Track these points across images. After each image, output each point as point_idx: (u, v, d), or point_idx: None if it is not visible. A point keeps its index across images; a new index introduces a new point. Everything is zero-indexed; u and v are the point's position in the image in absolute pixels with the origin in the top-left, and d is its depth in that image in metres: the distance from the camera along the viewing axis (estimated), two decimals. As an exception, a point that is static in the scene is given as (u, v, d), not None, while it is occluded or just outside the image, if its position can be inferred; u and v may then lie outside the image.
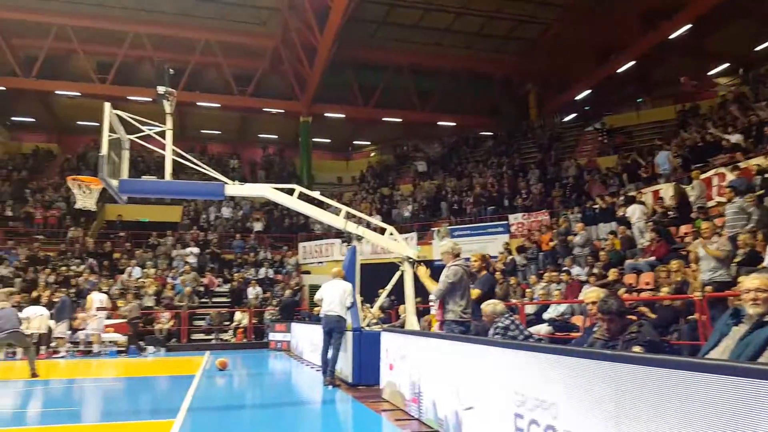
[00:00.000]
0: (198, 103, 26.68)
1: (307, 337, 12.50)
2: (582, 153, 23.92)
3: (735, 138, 14.27)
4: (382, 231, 9.72)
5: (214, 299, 19.29)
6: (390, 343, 7.13)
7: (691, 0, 18.61)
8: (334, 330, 8.29)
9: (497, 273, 13.77)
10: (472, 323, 7.17)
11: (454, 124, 29.36)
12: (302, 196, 9.30)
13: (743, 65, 22.35)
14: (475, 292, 6.72)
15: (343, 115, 28.31)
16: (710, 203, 12.74)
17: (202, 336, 17.66)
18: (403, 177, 28.25)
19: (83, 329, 14.82)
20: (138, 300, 16.34)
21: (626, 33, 21.69)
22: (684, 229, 11.83)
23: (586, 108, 27.49)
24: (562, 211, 18.07)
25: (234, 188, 8.53)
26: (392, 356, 6.91)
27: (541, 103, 28.52)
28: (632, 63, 22.07)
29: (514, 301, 12.24)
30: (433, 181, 25.19)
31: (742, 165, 12.11)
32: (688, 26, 19.24)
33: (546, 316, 10.58)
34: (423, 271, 7.22)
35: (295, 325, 15.07)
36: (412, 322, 9.14)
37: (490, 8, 22.93)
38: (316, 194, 9.86)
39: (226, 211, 24.47)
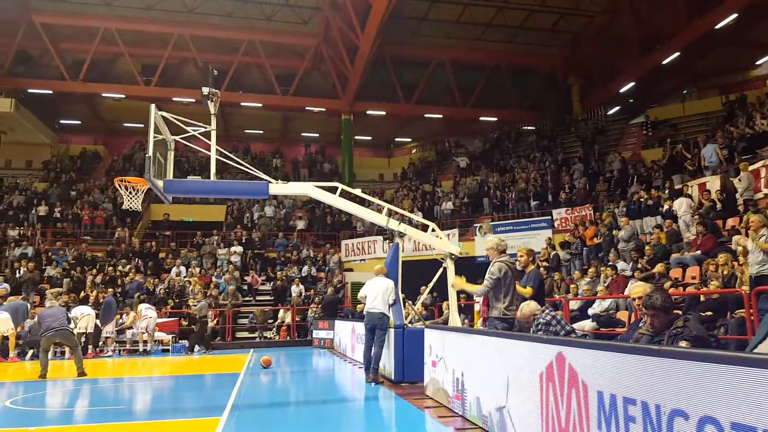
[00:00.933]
0: (241, 104, 27.29)
1: (350, 334, 12.68)
2: (626, 146, 23.41)
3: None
4: (425, 228, 9.80)
5: (258, 297, 19.72)
6: (433, 340, 7.16)
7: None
8: (377, 327, 8.36)
9: (541, 269, 13.75)
10: (516, 320, 7.20)
11: (496, 119, 29.15)
12: (344, 194, 9.48)
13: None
14: (526, 291, 6.54)
15: (384, 113, 28.48)
16: (758, 195, 12.35)
17: (246, 334, 18.06)
18: (444, 173, 28.25)
19: (131, 329, 14.96)
20: (209, 298, 16.61)
21: (671, 23, 21.08)
22: (731, 222, 11.51)
23: (630, 101, 26.84)
24: (606, 206, 17.80)
25: (277, 187, 8.69)
26: (435, 353, 6.96)
27: (584, 97, 28.00)
28: (677, 54, 21.40)
29: (557, 296, 12.21)
30: (475, 177, 25.10)
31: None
32: (734, 15, 18.55)
33: (590, 311, 10.50)
34: (459, 282, 7.22)
35: (338, 323, 15.28)
36: (455, 318, 9.24)
37: (534, 2, 22.70)
38: (358, 192, 10.03)
39: (269, 210, 24.96)
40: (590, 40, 25.15)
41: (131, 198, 9.05)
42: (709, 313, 8.16)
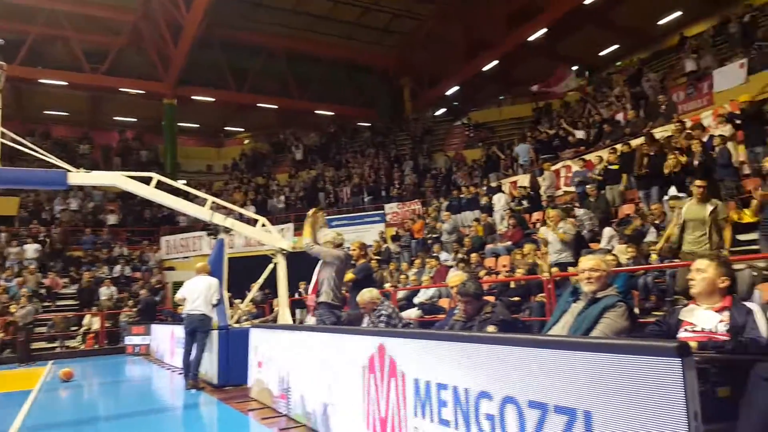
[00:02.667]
0: (40, 80, 23.69)
1: (169, 339, 11.69)
2: (451, 146, 25.06)
3: (580, 134, 15.73)
4: (258, 222, 9.35)
5: (59, 302, 17.37)
6: (259, 339, 6.90)
7: (547, 6, 20.12)
8: (198, 329, 7.79)
9: (373, 261, 14.07)
10: (345, 312, 7.16)
11: (333, 113, 29.21)
12: (162, 186, 8.68)
13: (589, 68, 24.69)
14: (349, 276, 6.69)
15: (213, 99, 26.80)
16: (558, 192, 13.95)
17: (43, 345, 15.70)
18: (279, 166, 27.58)
19: None
20: (33, 304, 14.54)
21: (492, 33, 22.95)
22: (536, 215, 12.82)
23: (455, 103, 28.78)
24: (433, 201, 18.84)
25: (79, 176, 7.73)
26: (261, 353, 6.69)
27: (415, 97, 29.31)
28: (496, 62, 23.41)
29: (387, 286, 12.54)
30: (311, 171, 24.93)
31: (586, 158, 13.35)
32: (544, 30, 20.80)
33: (416, 300, 10.92)
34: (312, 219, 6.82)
35: (155, 327, 14.02)
36: (285, 315, 8.95)
37: (368, 0, 23.07)
38: (178, 183, 9.24)
39: (74, 203, 22.12)
40: (420, 42, 26.40)
41: None
42: (517, 298, 8.93)
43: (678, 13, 22.12)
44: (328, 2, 23.21)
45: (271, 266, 8.83)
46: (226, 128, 32.37)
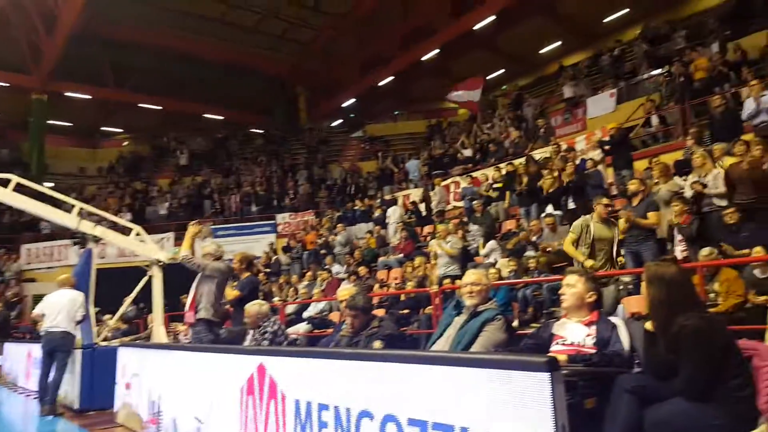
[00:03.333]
0: None
1: (24, 359, 10.42)
2: (347, 157, 25.13)
3: (467, 152, 16.45)
4: (133, 231, 8.62)
5: None
6: (128, 358, 6.32)
7: (440, 28, 20.91)
8: (57, 349, 6.98)
9: (261, 274, 13.62)
10: (226, 329, 6.80)
11: (223, 118, 28.09)
12: (23, 189, 7.78)
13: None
14: (234, 293, 6.38)
15: (90, 96, 24.65)
16: (448, 207, 14.44)
17: None
18: (161, 171, 25.90)
19: None
20: None
21: (388, 50, 23.41)
22: (427, 229, 13.15)
23: (352, 115, 28.96)
24: (327, 212, 18.72)
25: None
26: (130, 374, 6.14)
27: (311, 107, 29.06)
28: (391, 78, 23.89)
29: (275, 301, 12.17)
30: (197, 177, 23.75)
31: (473, 175, 13.95)
32: (437, 51, 21.58)
33: (306, 314, 10.69)
34: (193, 231, 6.49)
35: (9, 346, 12.46)
36: (159, 333, 8.32)
37: (267, 7, 22.57)
38: (43, 187, 8.32)
39: None
40: (318, 53, 26.31)
41: None
42: (407, 310, 9.02)
43: (558, 44, 23.94)
44: (222, 5, 22.44)
45: (145, 279, 8.19)
46: (103, 128, 29.89)
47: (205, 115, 27.54)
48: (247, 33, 24.65)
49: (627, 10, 21.11)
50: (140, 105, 25.84)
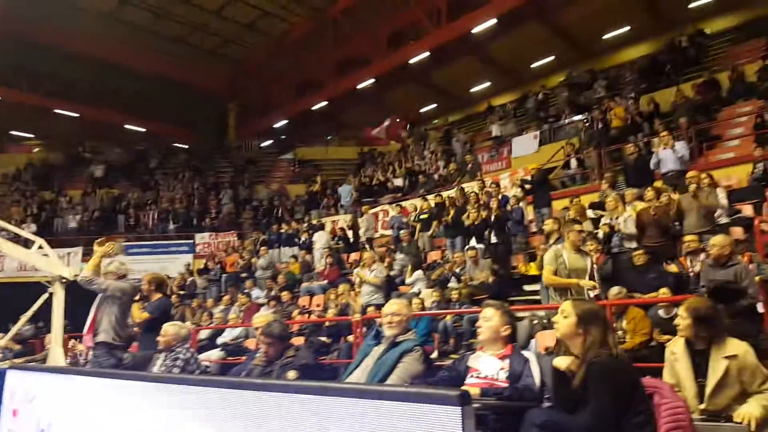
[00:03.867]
0: None
1: None
2: (275, 179, 24.75)
3: (398, 181, 16.66)
4: (35, 244, 7.92)
5: None
6: (17, 383, 5.71)
7: (376, 59, 21.30)
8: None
9: (174, 296, 12.95)
10: (131, 353, 6.37)
11: (145, 129, 26.92)
12: None
13: (411, 121, 26.53)
14: (143, 315, 5.97)
15: (-1, 98, 23.07)
16: (376, 235, 14.47)
17: None
18: (73, 181, 24.33)
19: None
20: None
21: (323, 75, 23.53)
22: (354, 256, 13.08)
23: (283, 137, 28.67)
24: (250, 234, 18.24)
25: None
26: (18, 399, 5.55)
27: (240, 124, 28.50)
28: (325, 103, 23.95)
29: (188, 325, 11.59)
30: (112, 190, 22.48)
31: (402, 204, 14.09)
32: (372, 80, 21.92)
33: (220, 340, 10.23)
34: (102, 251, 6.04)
35: None
36: (56, 355, 7.65)
37: (198, 20, 22.12)
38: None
39: None
40: (251, 71, 26.02)
41: None
42: (327, 339, 8.84)
43: (487, 84, 25.00)
44: (151, 15, 21.77)
45: (45, 296, 7.54)
46: (11, 132, 27.85)
47: (127, 126, 26.31)
48: (176, 44, 24.01)
49: (553, 57, 22.45)
50: (56, 111, 24.33)
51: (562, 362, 2.63)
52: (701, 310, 3.07)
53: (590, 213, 8.69)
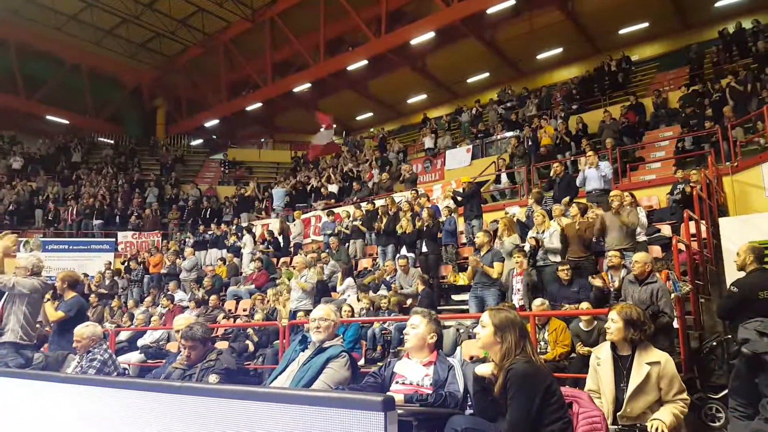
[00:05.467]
0: None
1: None
2: (204, 179, 24.04)
3: (332, 187, 16.59)
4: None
5: None
6: None
7: (313, 63, 21.20)
8: None
9: (93, 295, 12.28)
10: (42, 353, 5.98)
11: (68, 122, 25.50)
12: None
13: (346, 129, 26.58)
14: (58, 315, 5.68)
15: None
16: (307, 240, 14.32)
17: None
18: (-12, 172, 22.73)
19: None
20: None
21: (258, 75, 23.14)
22: (283, 260, 12.88)
23: (214, 136, 27.93)
24: (176, 234, 17.59)
25: None
26: None
27: (169, 121, 27.54)
28: (260, 104, 23.55)
29: (107, 326, 11.02)
30: (30, 183, 21.08)
31: (335, 210, 14.02)
32: (308, 84, 21.79)
33: (140, 342, 9.78)
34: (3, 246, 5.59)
35: None
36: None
37: (128, 11, 21.19)
38: None
39: None
40: (183, 68, 25.23)
41: None
42: (252, 345, 8.64)
43: (423, 96, 25.47)
44: (80, 2, 20.70)
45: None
46: None
47: (49, 117, 24.79)
48: (104, 35, 22.97)
49: (487, 74, 23.19)
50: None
51: (484, 369, 2.70)
52: (632, 314, 3.26)
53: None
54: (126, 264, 15.21)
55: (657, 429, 2.94)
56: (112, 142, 26.26)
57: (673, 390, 3.11)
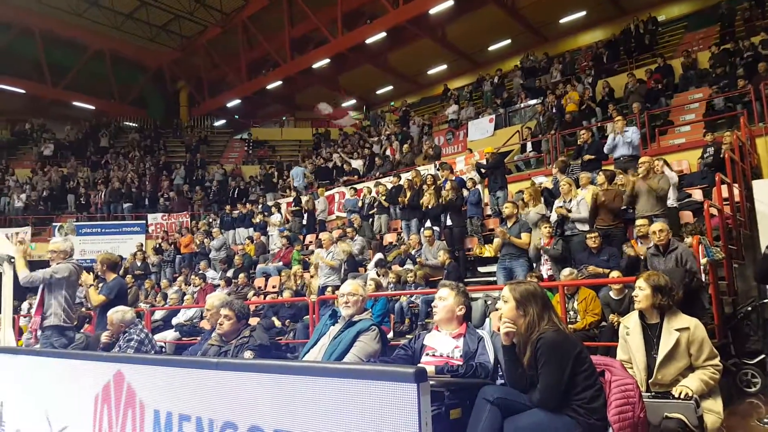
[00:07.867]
0: None
1: None
2: (228, 159, 24.27)
3: (355, 164, 16.59)
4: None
5: None
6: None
7: (332, 38, 21.00)
8: None
9: (128, 276, 12.64)
10: (84, 333, 6.24)
11: (94, 107, 25.93)
12: None
13: (367, 103, 26.40)
14: (99, 298, 5.87)
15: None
16: (331, 216, 14.42)
17: None
18: (21, 159, 23.35)
19: None
20: None
21: (277, 54, 23.06)
22: (310, 237, 13.02)
23: (237, 117, 28.08)
24: (204, 215, 17.90)
25: None
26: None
27: (192, 103, 27.77)
28: (280, 83, 23.52)
29: (142, 306, 11.36)
30: (61, 169, 21.63)
31: (358, 187, 14.04)
32: (327, 60, 21.64)
33: (175, 321, 10.08)
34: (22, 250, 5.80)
35: None
36: (6, 336, 7.37)
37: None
38: None
39: None
40: (203, 48, 25.28)
41: None
42: (279, 322, 8.82)
43: (444, 66, 25.07)
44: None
45: (-7, 276, 7.23)
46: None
47: (75, 103, 25.24)
48: (125, 19, 23.12)
49: (509, 41, 22.67)
50: (1, 87, 23.17)
51: (502, 331, 2.72)
52: (659, 280, 3.24)
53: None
54: (158, 245, 15.58)
55: (681, 394, 2.94)
56: (136, 125, 26.63)
57: (704, 355, 3.10)
